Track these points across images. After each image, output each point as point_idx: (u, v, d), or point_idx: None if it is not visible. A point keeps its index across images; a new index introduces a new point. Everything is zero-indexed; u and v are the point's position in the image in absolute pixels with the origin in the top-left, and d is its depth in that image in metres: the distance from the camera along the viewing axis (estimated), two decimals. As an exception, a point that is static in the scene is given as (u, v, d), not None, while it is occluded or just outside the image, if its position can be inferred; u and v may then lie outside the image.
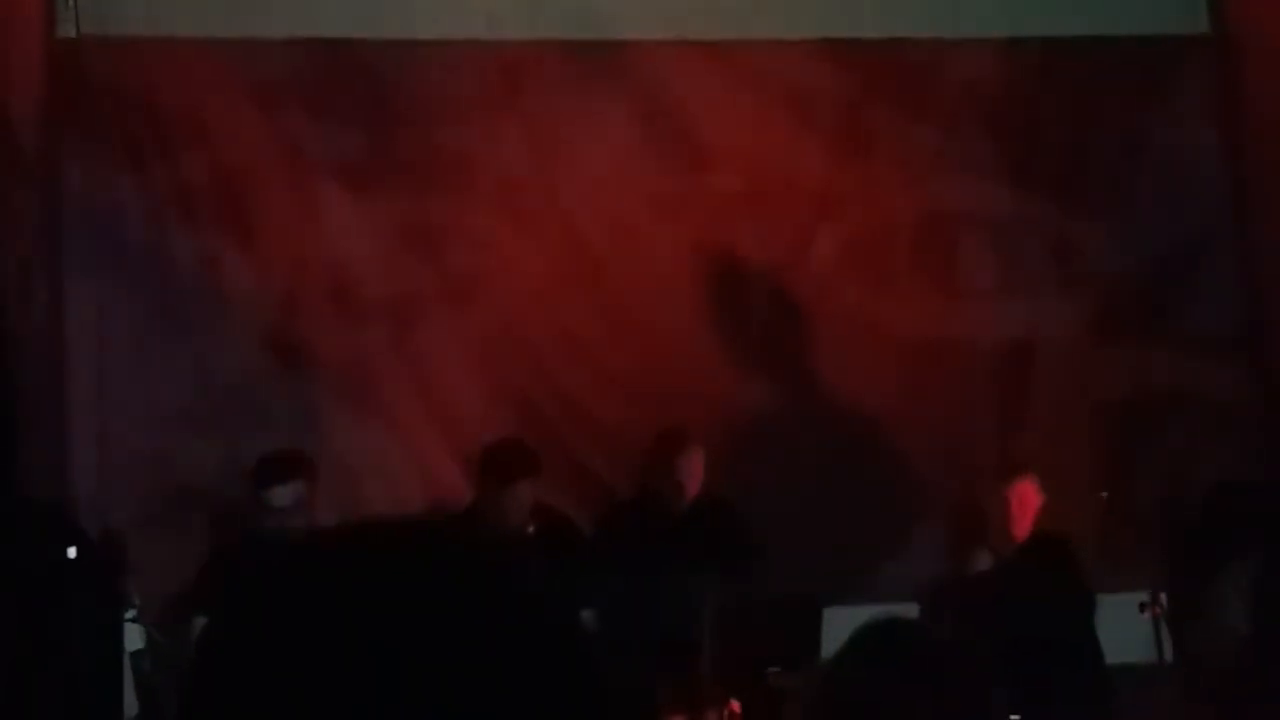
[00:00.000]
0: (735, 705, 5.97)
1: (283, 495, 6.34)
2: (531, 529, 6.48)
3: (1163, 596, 6.55)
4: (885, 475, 7.81)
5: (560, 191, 7.82)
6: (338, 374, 7.59)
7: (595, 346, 7.74)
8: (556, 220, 7.82)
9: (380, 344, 7.63)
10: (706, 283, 7.89)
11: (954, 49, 8.17)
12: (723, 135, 7.96)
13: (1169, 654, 6.61)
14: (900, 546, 7.67)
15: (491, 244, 7.75)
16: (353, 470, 7.39)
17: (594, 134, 7.88)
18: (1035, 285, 8.15)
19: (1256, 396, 8.13)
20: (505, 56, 7.86)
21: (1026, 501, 6.92)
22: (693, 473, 6.81)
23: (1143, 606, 6.57)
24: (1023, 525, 6.90)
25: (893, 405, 7.88)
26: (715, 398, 7.71)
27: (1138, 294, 8.20)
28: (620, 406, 7.62)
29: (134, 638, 6.43)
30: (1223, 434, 8.00)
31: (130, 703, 6.46)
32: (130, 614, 6.34)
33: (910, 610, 6.81)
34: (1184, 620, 6.56)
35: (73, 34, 7.35)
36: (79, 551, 6.12)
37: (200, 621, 5.99)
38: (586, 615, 5.98)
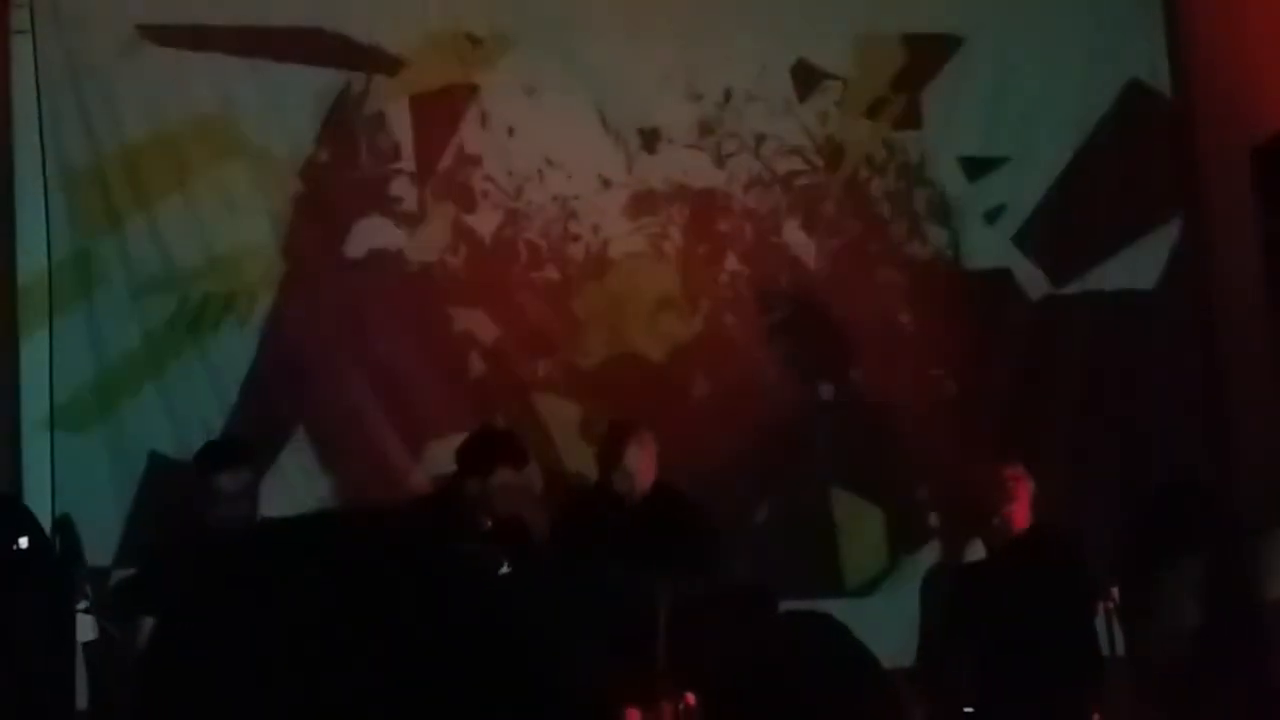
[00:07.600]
0: (690, 698, 5.98)
1: (231, 481, 6.16)
2: (490, 524, 6.40)
3: (1115, 591, 6.58)
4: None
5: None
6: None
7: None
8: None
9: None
10: None
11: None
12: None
13: (1120, 648, 6.64)
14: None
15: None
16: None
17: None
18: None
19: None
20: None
21: (1021, 489, 6.67)
22: (644, 463, 6.77)
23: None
24: (1020, 514, 6.68)
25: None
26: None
27: None
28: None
29: (86, 629, 6.37)
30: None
31: (81, 694, 6.42)
32: (82, 605, 6.29)
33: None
34: (1136, 616, 6.60)
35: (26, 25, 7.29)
36: (30, 542, 6.06)
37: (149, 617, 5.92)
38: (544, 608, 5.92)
